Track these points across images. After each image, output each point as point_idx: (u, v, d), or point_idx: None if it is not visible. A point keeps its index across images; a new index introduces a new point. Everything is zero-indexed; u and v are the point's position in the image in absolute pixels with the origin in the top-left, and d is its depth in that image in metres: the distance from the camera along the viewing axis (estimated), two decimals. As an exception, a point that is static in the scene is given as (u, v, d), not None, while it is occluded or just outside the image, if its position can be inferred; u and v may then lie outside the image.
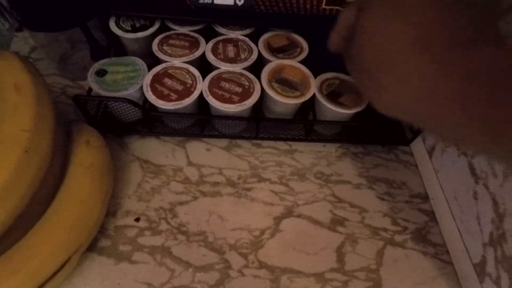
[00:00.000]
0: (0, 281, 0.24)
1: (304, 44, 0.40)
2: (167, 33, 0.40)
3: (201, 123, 0.39)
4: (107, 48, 0.45)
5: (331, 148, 0.40)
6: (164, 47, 0.38)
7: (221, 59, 0.37)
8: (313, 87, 0.36)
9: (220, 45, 0.39)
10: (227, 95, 0.35)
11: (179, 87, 0.35)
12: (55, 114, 0.32)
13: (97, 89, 0.35)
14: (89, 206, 0.30)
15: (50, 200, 0.30)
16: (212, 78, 0.36)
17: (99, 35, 0.43)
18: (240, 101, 0.34)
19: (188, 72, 0.36)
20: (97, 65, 0.36)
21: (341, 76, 0.38)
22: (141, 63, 0.36)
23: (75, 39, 0.46)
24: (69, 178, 0.31)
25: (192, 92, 0.35)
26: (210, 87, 0.35)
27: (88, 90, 0.36)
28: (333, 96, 0.36)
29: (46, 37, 0.45)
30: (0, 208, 0.25)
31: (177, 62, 0.37)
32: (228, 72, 0.37)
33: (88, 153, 0.32)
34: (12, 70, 0.31)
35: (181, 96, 0.34)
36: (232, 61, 0.38)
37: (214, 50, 0.38)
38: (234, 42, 0.39)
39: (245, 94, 0.35)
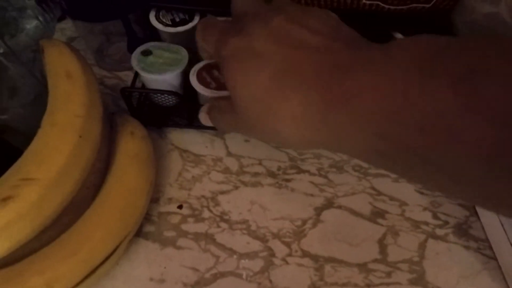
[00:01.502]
0: (57, 264, 0.25)
1: None
2: None
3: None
4: (143, 40, 0.46)
5: (368, 143, 0.40)
6: None
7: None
8: None
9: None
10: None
11: (223, 80, 0.35)
12: (101, 102, 0.32)
13: (136, 66, 0.35)
14: (136, 195, 0.31)
15: (98, 186, 0.31)
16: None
17: (135, 28, 0.44)
18: None
19: None
20: (147, 45, 0.37)
21: None
22: (185, 54, 0.37)
23: (110, 31, 0.47)
24: (116, 167, 0.31)
25: None
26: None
27: (132, 81, 0.37)
28: None
29: (82, 28, 0.46)
30: (58, 190, 0.25)
31: None
32: None
33: (132, 143, 0.33)
34: (62, 58, 0.32)
35: (220, 87, 0.35)
36: None
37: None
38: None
39: None
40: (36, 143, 0.25)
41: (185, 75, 0.36)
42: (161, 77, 0.35)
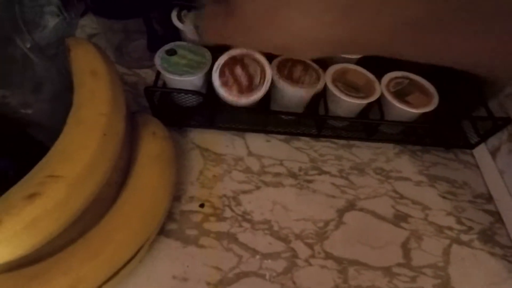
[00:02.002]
0: (81, 265, 0.25)
1: None
2: None
3: (264, 117, 0.39)
4: (163, 39, 0.46)
5: (389, 145, 0.40)
6: None
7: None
8: (379, 86, 0.36)
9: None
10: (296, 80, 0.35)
11: (245, 82, 0.35)
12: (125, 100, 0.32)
13: (159, 66, 0.35)
14: (159, 196, 0.31)
15: (120, 185, 0.31)
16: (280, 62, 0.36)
17: (156, 27, 0.44)
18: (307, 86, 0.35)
19: (260, 66, 0.35)
20: (171, 45, 0.37)
21: (411, 75, 0.38)
22: (209, 57, 0.37)
23: (130, 29, 0.47)
24: (138, 167, 0.31)
25: (253, 90, 0.34)
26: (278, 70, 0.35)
27: (155, 80, 0.37)
28: (400, 95, 0.36)
29: (103, 26, 0.46)
30: (84, 187, 0.25)
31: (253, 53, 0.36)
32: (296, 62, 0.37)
33: (154, 144, 0.33)
34: (88, 56, 0.32)
35: (242, 91, 0.34)
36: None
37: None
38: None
39: (311, 82, 0.35)
40: (61, 140, 0.25)
41: (208, 76, 0.36)
42: (185, 78, 0.35)
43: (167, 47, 0.37)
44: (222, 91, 0.34)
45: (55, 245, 0.25)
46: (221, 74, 0.35)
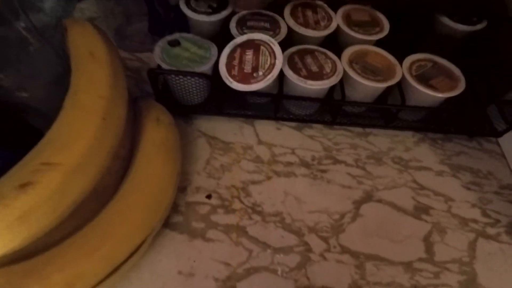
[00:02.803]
0: (78, 261, 0.23)
1: (386, 24, 0.37)
2: (240, 15, 0.37)
3: (275, 103, 0.37)
4: (165, 22, 0.44)
5: (408, 133, 0.37)
6: (245, 31, 0.35)
7: (301, 24, 0.35)
8: (400, 69, 0.33)
9: (299, 10, 0.37)
10: (308, 70, 0.33)
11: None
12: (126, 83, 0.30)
13: (157, 57, 0.33)
14: (163, 187, 0.29)
15: (122, 173, 0.28)
16: (292, 54, 0.34)
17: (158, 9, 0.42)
18: (321, 78, 0.32)
19: (273, 53, 0.33)
20: (176, 35, 0.35)
21: (435, 58, 0.35)
22: (214, 51, 0.34)
23: (131, 12, 0.45)
24: (141, 156, 0.29)
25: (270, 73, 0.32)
26: (289, 61, 0.33)
27: (158, 65, 0.35)
28: (423, 79, 0.34)
29: (102, 8, 0.44)
30: (81, 176, 0.23)
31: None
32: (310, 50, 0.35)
33: (158, 131, 0.31)
34: (86, 37, 0.30)
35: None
36: (312, 27, 0.35)
37: (294, 14, 0.36)
38: (313, 8, 0.37)
39: (321, 74, 0.33)
40: (57, 125, 0.23)
41: (214, 66, 0.34)
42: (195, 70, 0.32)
43: (170, 37, 0.34)
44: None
45: (50, 238, 0.23)
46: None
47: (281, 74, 0.33)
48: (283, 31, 0.35)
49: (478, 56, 0.37)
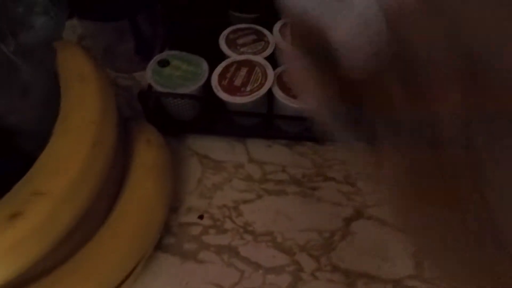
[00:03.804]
0: None
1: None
2: (225, 33, 0.37)
3: (262, 122, 0.37)
4: (152, 41, 0.44)
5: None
6: (240, 49, 0.36)
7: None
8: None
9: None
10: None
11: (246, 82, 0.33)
12: (117, 107, 0.30)
13: (150, 79, 0.33)
14: (154, 211, 0.29)
15: (113, 196, 0.29)
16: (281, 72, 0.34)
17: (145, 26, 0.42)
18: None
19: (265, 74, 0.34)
20: (164, 54, 0.35)
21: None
22: (205, 66, 0.34)
23: (123, 30, 0.45)
24: (132, 179, 0.29)
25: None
26: (278, 81, 0.34)
27: (149, 84, 0.35)
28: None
29: (93, 26, 0.44)
30: (71, 204, 0.23)
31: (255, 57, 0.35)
32: None
33: (149, 152, 0.31)
34: (75, 60, 0.30)
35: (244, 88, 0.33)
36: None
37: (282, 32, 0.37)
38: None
39: None
40: (47, 152, 0.23)
41: (205, 87, 0.34)
42: (178, 92, 0.33)
43: (158, 57, 0.35)
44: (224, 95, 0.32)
45: (40, 268, 0.23)
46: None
47: (271, 95, 0.33)
48: (271, 42, 0.36)
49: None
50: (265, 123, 0.37)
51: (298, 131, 0.37)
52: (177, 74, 0.34)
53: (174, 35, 0.41)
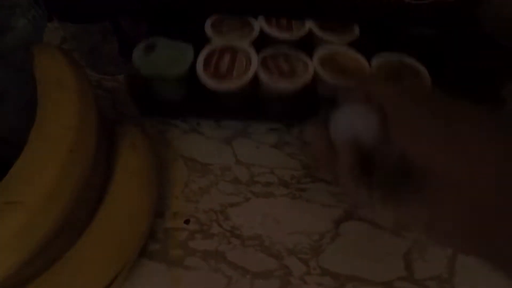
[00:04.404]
0: None
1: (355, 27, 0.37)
2: (212, 19, 0.37)
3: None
4: (136, 41, 0.43)
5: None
6: (223, 34, 0.35)
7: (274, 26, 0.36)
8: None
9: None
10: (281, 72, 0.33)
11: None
12: (98, 111, 0.30)
13: (137, 63, 0.33)
14: (138, 218, 0.28)
15: (95, 205, 0.28)
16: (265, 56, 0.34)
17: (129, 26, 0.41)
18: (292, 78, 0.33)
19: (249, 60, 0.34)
20: (148, 40, 0.34)
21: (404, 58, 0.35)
22: (190, 52, 0.34)
23: (106, 32, 0.44)
24: (115, 184, 0.28)
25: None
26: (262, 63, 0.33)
27: (136, 70, 0.34)
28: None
29: (77, 28, 0.43)
30: (47, 214, 0.22)
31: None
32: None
33: (134, 156, 0.30)
34: (53, 64, 0.29)
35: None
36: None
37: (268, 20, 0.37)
38: None
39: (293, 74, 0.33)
40: (22, 160, 0.22)
41: (191, 71, 0.33)
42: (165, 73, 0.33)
43: (144, 42, 0.34)
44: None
45: (14, 281, 0.22)
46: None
47: (256, 79, 0.33)
48: (256, 29, 0.36)
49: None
50: (252, 104, 0.36)
51: (284, 111, 0.37)
52: (163, 58, 0.34)
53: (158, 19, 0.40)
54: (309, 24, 0.36)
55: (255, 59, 0.33)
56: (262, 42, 0.36)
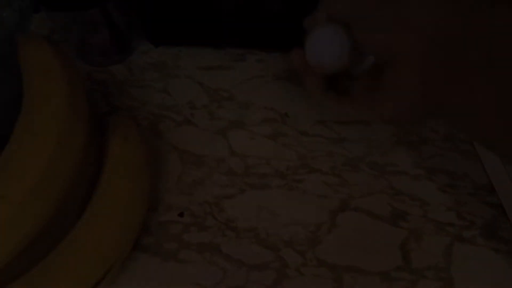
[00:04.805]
0: None
1: None
2: None
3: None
4: (128, 32, 0.42)
5: (382, 137, 0.37)
6: None
7: None
8: None
9: None
10: None
11: None
12: (88, 102, 0.29)
13: None
14: (131, 211, 0.27)
15: (86, 199, 0.27)
16: None
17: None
18: None
19: None
20: None
21: None
22: None
23: (96, 22, 0.43)
24: (107, 177, 0.27)
25: None
26: None
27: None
28: None
29: (65, 18, 0.42)
30: (32, 209, 0.22)
31: None
32: None
33: (127, 149, 0.29)
34: (40, 54, 0.28)
35: None
36: None
37: None
38: None
39: None
40: (7, 152, 0.22)
41: None
42: None
43: None
44: None
45: (7, 274, 0.21)
46: None
47: None
48: None
49: None
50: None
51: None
52: None
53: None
54: None
55: None
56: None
